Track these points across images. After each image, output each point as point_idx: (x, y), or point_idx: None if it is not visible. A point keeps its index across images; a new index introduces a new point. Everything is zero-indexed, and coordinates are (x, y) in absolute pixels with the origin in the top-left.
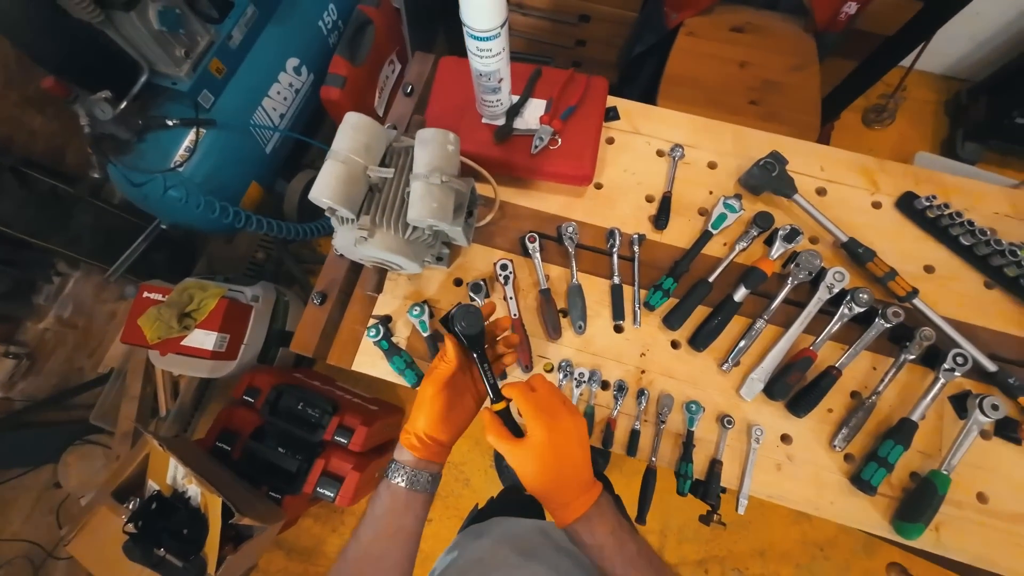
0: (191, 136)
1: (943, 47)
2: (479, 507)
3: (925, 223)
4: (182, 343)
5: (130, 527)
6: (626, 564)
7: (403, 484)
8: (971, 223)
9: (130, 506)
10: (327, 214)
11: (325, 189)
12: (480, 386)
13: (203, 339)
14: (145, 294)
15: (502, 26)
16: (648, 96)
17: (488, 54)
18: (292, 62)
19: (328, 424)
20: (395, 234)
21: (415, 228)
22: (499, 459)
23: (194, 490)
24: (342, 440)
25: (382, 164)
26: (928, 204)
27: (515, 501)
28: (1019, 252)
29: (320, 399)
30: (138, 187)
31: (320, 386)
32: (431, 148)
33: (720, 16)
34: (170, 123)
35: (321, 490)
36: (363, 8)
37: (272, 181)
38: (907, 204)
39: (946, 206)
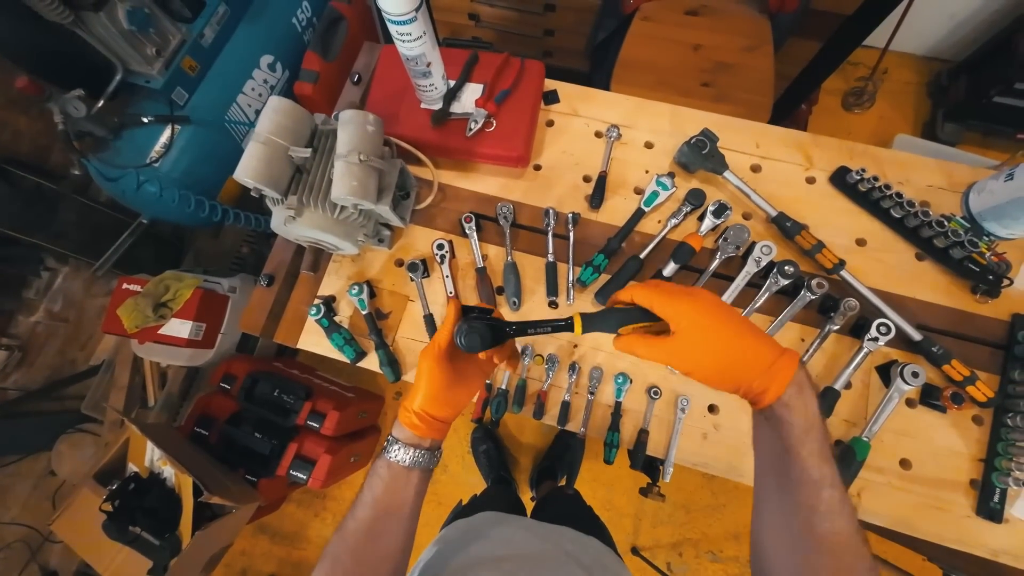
0: (167, 132)
1: (923, 27)
2: (463, 503)
3: (857, 197)
4: (159, 332)
5: (107, 506)
6: (825, 449)
7: (402, 462)
8: (900, 195)
9: (111, 488)
10: (253, 195)
11: (247, 169)
12: (485, 365)
13: (179, 328)
14: (124, 286)
15: (417, 10)
16: None
17: (408, 38)
18: (266, 59)
19: (301, 409)
20: (323, 213)
21: (342, 207)
22: (475, 445)
23: (169, 471)
24: (314, 425)
25: (309, 147)
26: (859, 178)
27: (500, 498)
28: (947, 224)
29: (294, 385)
30: (113, 182)
31: (298, 374)
32: (350, 129)
33: (675, 0)
34: (145, 120)
35: (294, 472)
36: (335, 4)
37: None
38: (840, 178)
39: (876, 179)
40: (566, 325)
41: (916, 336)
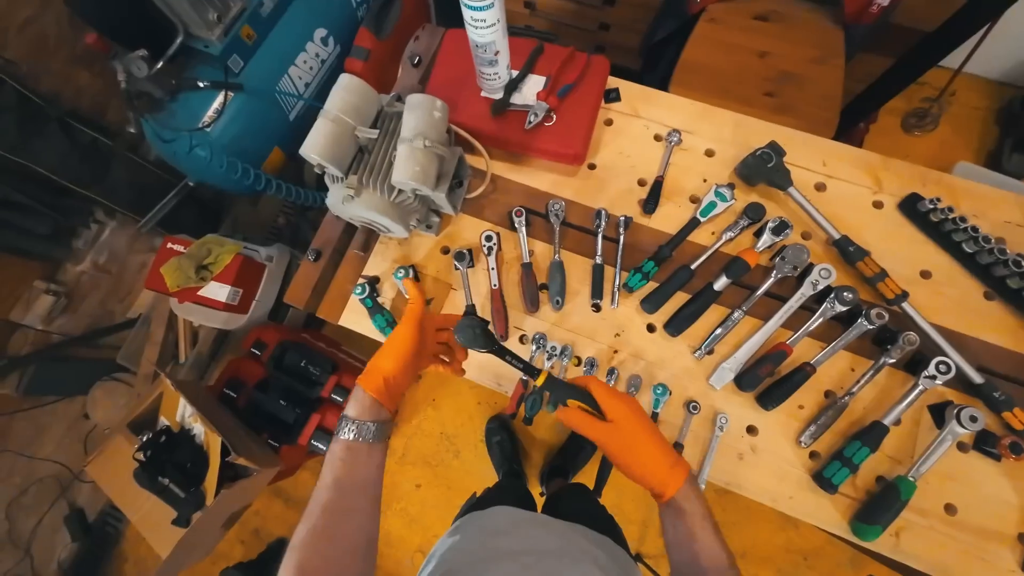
0: (220, 98)
1: (1001, 50)
2: (476, 495)
3: (927, 227)
4: (199, 293)
5: (139, 455)
6: (719, 537)
7: (361, 438)
8: (976, 229)
9: (143, 438)
10: (316, 171)
11: (314, 145)
12: (432, 345)
13: (217, 291)
14: (169, 245)
15: None
16: (667, 84)
17: (483, 24)
18: (320, 32)
19: (327, 382)
20: (380, 195)
21: (400, 191)
22: (489, 436)
23: (199, 428)
24: (338, 399)
25: (373, 127)
26: (932, 207)
27: (513, 492)
28: (1023, 264)
29: (321, 358)
30: (167, 143)
31: (324, 347)
32: (418, 113)
33: (744, 3)
34: (201, 84)
35: (315, 443)
36: None
37: (294, 148)
38: (910, 206)
39: (950, 210)
40: (535, 372)
41: (977, 379)
